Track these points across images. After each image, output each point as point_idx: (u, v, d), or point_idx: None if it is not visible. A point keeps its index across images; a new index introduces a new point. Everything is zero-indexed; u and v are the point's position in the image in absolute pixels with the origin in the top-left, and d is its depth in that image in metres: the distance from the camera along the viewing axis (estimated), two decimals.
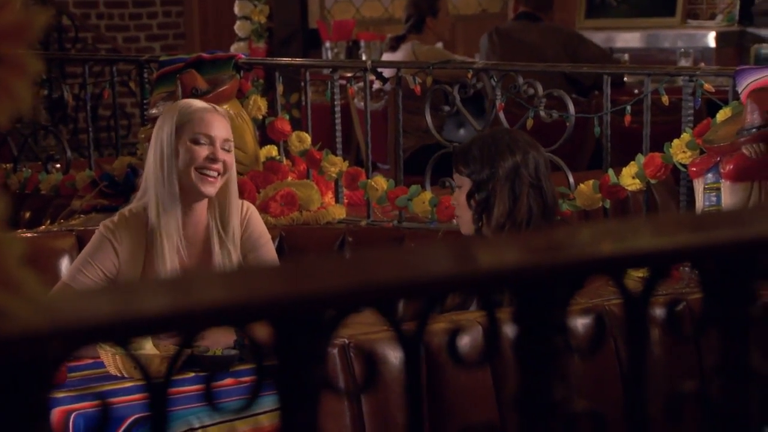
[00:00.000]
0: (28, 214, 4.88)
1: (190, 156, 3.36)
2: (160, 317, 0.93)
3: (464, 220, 3.37)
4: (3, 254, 0.88)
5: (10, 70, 1.01)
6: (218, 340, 3.22)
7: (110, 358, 3.13)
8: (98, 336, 0.90)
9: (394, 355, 2.47)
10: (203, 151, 3.36)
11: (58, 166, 5.18)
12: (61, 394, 3.02)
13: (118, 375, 3.14)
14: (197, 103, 3.50)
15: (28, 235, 3.95)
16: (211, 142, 3.38)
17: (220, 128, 3.42)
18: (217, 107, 3.52)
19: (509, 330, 1.22)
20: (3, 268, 0.88)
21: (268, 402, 1.13)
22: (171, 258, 3.37)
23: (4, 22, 1.01)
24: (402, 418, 2.42)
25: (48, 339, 0.84)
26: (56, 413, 2.95)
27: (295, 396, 1.04)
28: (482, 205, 3.30)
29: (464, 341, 2.21)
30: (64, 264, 3.84)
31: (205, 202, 3.42)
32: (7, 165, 5.21)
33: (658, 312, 1.32)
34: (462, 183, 3.36)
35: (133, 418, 2.85)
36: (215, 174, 3.37)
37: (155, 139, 3.42)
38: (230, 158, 3.42)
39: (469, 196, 3.32)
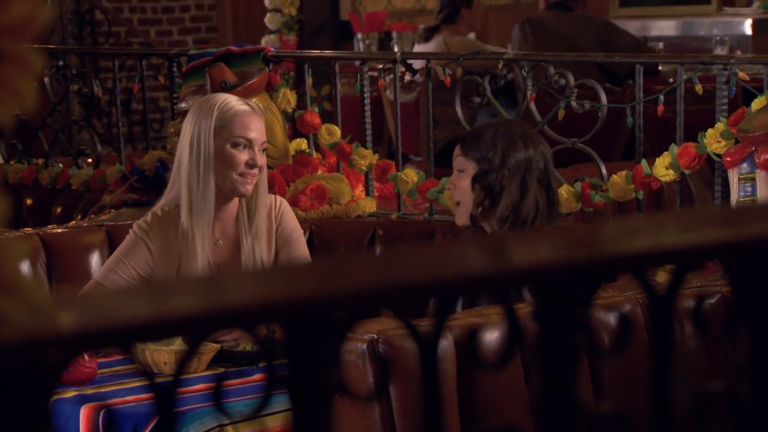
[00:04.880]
0: (59, 210, 4.88)
1: (231, 161, 3.33)
2: (152, 322, 0.90)
3: (465, 207, 3.30)
4: (2, 257, 0.86)
5: (13, 67, 0.99)
6: (247, 335, 3.20)
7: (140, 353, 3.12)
8: (98, 343, 0.88)
9: None
10: (243, 156, 3.35)
11: (90, 160, 5.18)
12: (90, 391, 3.02)
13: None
14: (236, 104, 3.41)
15: (59, 230, 3.95)
16: (251, 146, 3.36)
17: (258, 131, 3.39)
18: (255, 108, 3.46)
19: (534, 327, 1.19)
20: (2, 271, 0.86)
21: None
22: (202, 256, 3.36)
23: (7, 18, 0.99)
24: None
25: (47, 345, 0.82)
26: (86, 410, 2.94)
27: (306, 400, 1.01)
28: (487, 193, 3.24)
29: (493, 337, 2.18)
30: (95, 259, 3.84)
31: (236, 199, 3.41)
32: (39, 160, 5.21)
33: (692, 304, 1.28)
34: (466, 167, 3.29)
35: None
36: (253, 176, 3.36)
37: (189, 135, 3.37)
38: (264, 160, 3.42)
39: (474, 180, 3.26)
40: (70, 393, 2.99)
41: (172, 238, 3.38)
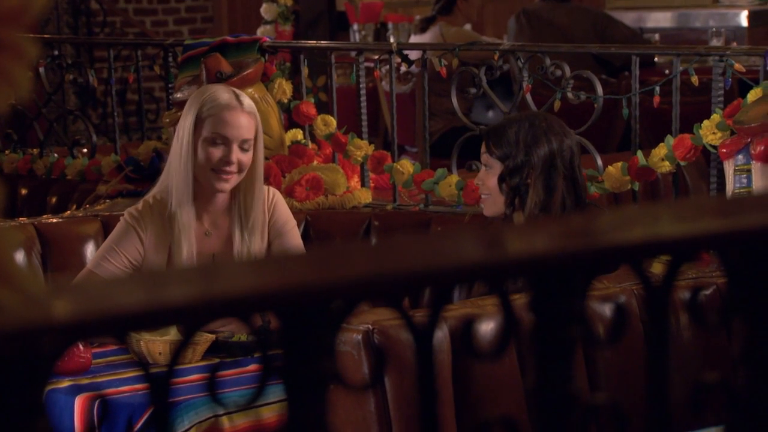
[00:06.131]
0: (54, 200, 4.88)
1: (206, 156, 3.31)
2: (147, 311, 0.90)
3: (493, 201, 3.29)
4: None
5: (8, 55, 0.98)
6: (242, 326, 3.19)
7: (135, 343, 3.11)
8: (88, 332, 0.88)
9: None
10: (217, 153, 3.31)
11: (85, 150, 5.18)
12: (85, 381, 3.01)
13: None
14: (223, 97, 3.37)
15: (54, 220, 3.95)
16: (227, 143, 3.31)
17: (239, 128, 3.33)
18: (243, 101, 3.38)
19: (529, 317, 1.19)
20: None
21: None
22: (189, 245, 3.35)
23: (2, 7, 0.99)
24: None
25: (42, 334, 0.81)
26: (81, 400, 2.94)
27: (301, 390, 1.01)
28: (515, 192, 3.22)
29: (488, 328, 2.18)
30: (90, 249, 3.83)
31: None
32: (34, 150, 5.21)
33: (687, 295, 1.28)
34: (492, 164, 3.27)
35: None
36: (229, 174, 3.32)
37: (180, 125, 3.38)
38: (248, 158, 3.34)
39: (501, 180, 3.24)
40: (65, 383, 2.99)
41: (162, 226, 3.37)
